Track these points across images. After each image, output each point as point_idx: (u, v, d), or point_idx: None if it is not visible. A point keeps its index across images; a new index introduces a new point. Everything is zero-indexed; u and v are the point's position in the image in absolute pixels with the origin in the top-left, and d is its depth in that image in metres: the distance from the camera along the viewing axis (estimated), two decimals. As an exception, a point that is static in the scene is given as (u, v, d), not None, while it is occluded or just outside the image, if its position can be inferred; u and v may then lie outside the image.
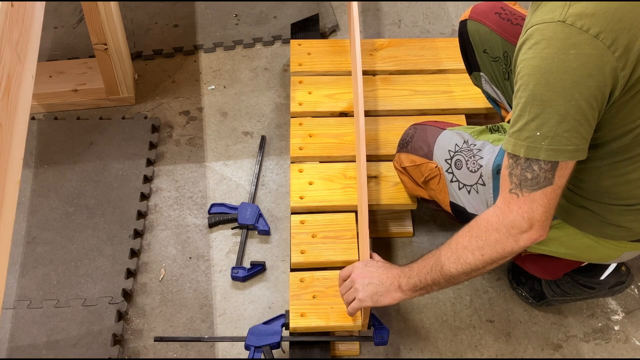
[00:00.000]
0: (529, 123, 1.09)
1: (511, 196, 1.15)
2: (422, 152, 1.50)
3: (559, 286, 1.58)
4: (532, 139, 1.10)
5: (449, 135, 1.48)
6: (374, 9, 2.39)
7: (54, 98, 2.07)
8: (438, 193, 1.49)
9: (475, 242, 1.21)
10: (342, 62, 1.98)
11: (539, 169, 1.11)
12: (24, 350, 1.57)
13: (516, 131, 1.12)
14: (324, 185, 1.70)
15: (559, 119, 1.07)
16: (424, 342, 1.59)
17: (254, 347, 1.47)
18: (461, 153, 1.44)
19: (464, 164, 1.43)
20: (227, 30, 2.31)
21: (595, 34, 1.03)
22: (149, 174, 1.92)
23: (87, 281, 1.69)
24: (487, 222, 1.20)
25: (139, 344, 1.60)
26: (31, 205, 1.84)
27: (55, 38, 2.29)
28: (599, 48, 1.04)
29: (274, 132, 2.02)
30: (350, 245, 1.59)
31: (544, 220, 1.15)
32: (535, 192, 1.13)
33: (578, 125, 1.08)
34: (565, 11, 1.05)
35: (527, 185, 1.13)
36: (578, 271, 1.54)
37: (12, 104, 1.21)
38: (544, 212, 1.14)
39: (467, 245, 1.22)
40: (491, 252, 1.20)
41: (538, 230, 1.16)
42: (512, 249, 1.18)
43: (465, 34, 1.63)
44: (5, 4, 1.21)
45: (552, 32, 1.06)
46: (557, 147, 1.09)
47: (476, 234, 1.21)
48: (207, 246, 1.78)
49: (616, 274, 1.55)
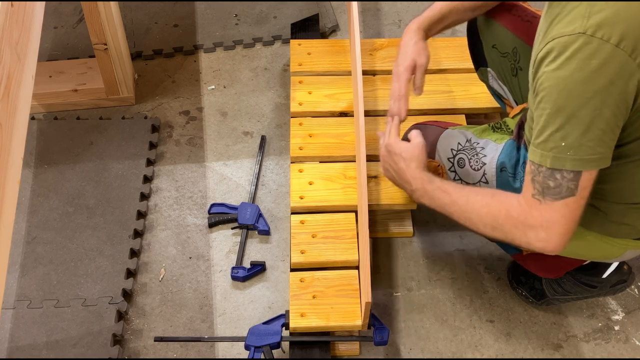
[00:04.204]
0: (553, 134, 1.10)
1: (534, 201, 1.15)
2: None
3: (560, 285, 1.58)
4: (558, 149, 1.10)
5: (452, 134, 1.48)
6: (374, 9, 2.39)
7: (54, 98, 2.07)
8: None
9: (490, 219, 1.22)
10: (342, 62, 1.98)
11: (561, 178, 1.11)
12: (24, 350, 1.57)
13: (542, 142, 1.12)
14: (324, 185, 1.70)
15: (584, 129, 1.08)
16: (424, 342, 1.59)
17: (254, 347, 1.47)
18: (464, 152, 1.44)
19: (466, 162, 1.43)
20: (227, 30, 2.31)
21: (616, 42, 1.04)
22: (149, 174, 1.92)
23: (87, 281, 1.69)
24: (508, 213, 1.20)
25: (139, 344, 1.60)
26: (31, 205, 1.84)
27: (55, 38, 2.29)
28: (620, 56, 1.04)
29: (274, 132, 2.02)
30: (350, 245, 1.59)
31: (563, 234, 1.14)
32: (558, 202, 1.13)
33: (602, 134, 1.08)
34: (585, 23, 1.05)
35: (549, 193, 1.13)
36: (579, 270, 1.54)
37: (12, 104, 1.21)
38: (564, 224, 1.14)
39: (482, 217, 1.24)
40: (501, 235, 1.22)
41: (555, 243, 1.15)
42: (521, 245, 1.20)
43: (474, 28, 1.62)
44: (5, 4, 1.21)
45: (573, 44, 1.06)
46: (583, 157, 1.09)
47: (494, 213, 1.22)
48: (207, 246, 1.78)
49: (618, 272, 1.55)
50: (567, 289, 1.57)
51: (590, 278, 1.55)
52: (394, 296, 1.67)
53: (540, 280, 1.60)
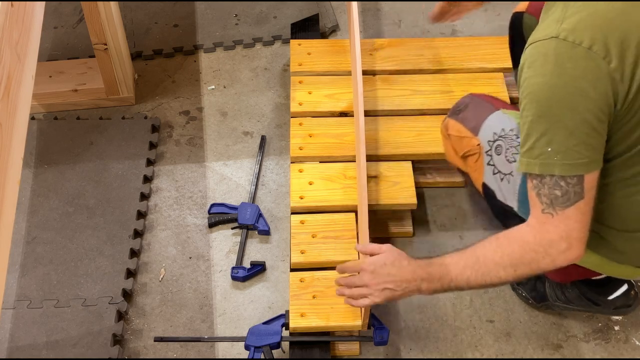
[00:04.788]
0: (538, 140, 1.09)
1: (545, 216, 1.14)
2: (471, 125, 1.45)
3: (563, 293, 1.56)
4: (545, 155, 1.09)
5: (500, 118, 1.43)
6: (374, 9, 2.39)
7: (54, 98, 2.07)
8: (474, 171, 1.46)
9: (508, 259, 1.19)
10: (342, 62, 1.98)
11: (566, 185, 1.10)
12: (24, 350, 1.57)
13: (527, 150, 1.12)
14: (324, 185, 1.70)
15: (567, 133, 1.07)
16: (424, 342, 1.59)
17: (254, 347, 1.47)
18: (504, 139, 1.39)
19: (503, 151, 1.39)
20: (227, 30, 2.31)
21: (588, 46, 1.04)
22: (149, 174, 1.92)
23: (87, 281, 1.69)
24: (523, 241, 1.18)
25: (139, 344, 1.60)
26: (31, 205, 1.84)
27: (55, 38, 2.29)
28: (594, 59, 1.04)
29: (274, 132, 2.02)
30: (350, 245, 1.59)
31: (582, 238, 1.14)
32: (569, 209, 1.12)
33: (587, 137, 1.08)
34: (558, 27, 1.06)
35: (559, 203, 1.12)
36: (587, 284, 1.52)
37: (12, 104, 1.21)
38: (580, 229, 1.13)
39: (498, 262, 1.20)
40: (525, 269, 1.19)
41: (577, 249, 1.14)
42: (547, 267, 1.17)
43: (519, 27, 1.58)
44: (5, 4, 1.21)
45: (547, 49, 1.06)
46: (571, 162, 1.09)
47: (509, 251, 1.19)
48: (207, 246, 1.78)
49: (625, 296, 1.53)
50: (570, 299, 1.55)
51: (596, 296, 1.54)
52: (394, 296, 1.67)
53: (543, 283, 1.59)
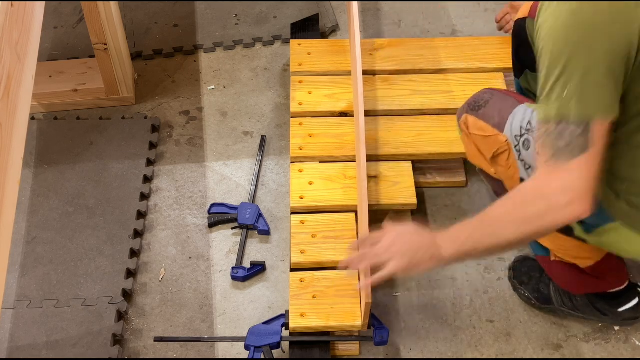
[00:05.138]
0: (555, 85, 1.07)
1: (548, 168, 1.10)
2: (494, 122, 1.40)
3: (571, 300, 1.55)
4: (561, 99, 1.06)
5: (526, 111, 1.38)
6: (374, 9, 2.39)
7: (54, 98, 2.07)
8: (507, 169, 1.40)
9: (511, 216, 1.15)
10: (342, 62, 1.98)
11: (570, 135, 1.07)
12: (24, 350, 1.57)
13: (545, 96, 1.09)
14: (324, 185, 1.70)
15: (582, 74, 1.04)
16: (424, 342, 1.59)
17: (254, 347, 1.47)
18: (532, 133, 1.34)
19: (532, 145, 1.33)
20: (227, 30, 2.31)
21: None
22: (149, 174, 1.92)
23: (87, 281, 1.69)
24: (527, 191, 1.14)
25: (139, 344, 1.60)
26: (31, 205, 1.84)
27: (55, 38, 2.29)
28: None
29: (274, 132, 2.02)
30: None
31: (585, 193, 1.08)
32: (572, 161, 1.08)
33: (603, 78, 1.04)
34: None
35: (561, 154, 1.08)
36: (598, 295, 1.51)
37: (12, 104, 1.21)
38: (584, 183, 1.08)
39: (502, 219, 1.16)
40: (529, 228, 1.14)
41: (580, 204, 1.08)
42: (550, 225, 1.12)
43: (523, 33, 1.53)
44: (5, 4, 1.21)
45: None
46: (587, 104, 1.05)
47: (511, 207, 1.16)
48: (207, 246, 1.78)
49: (635, 310, 1.52)
50: (577, 306, 1.55)
51: (606, 307, 1.53)
52: (394, 296, 1.67)
53: (547, 285, 1.58)
